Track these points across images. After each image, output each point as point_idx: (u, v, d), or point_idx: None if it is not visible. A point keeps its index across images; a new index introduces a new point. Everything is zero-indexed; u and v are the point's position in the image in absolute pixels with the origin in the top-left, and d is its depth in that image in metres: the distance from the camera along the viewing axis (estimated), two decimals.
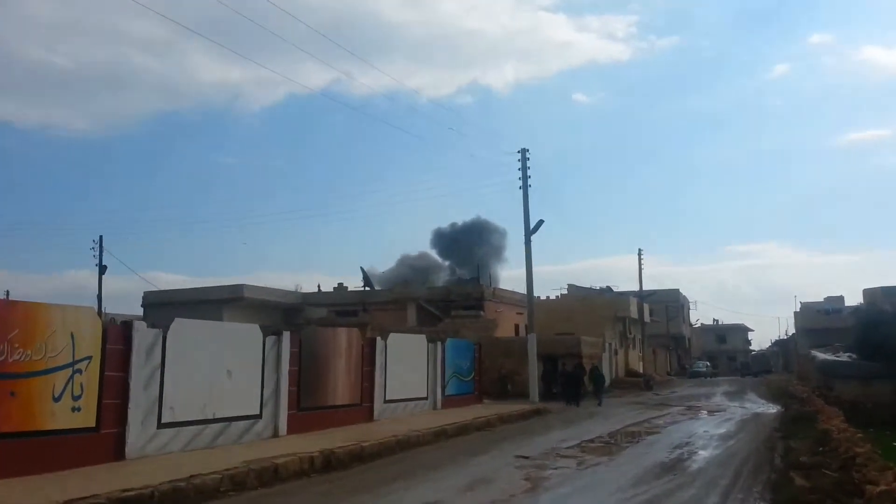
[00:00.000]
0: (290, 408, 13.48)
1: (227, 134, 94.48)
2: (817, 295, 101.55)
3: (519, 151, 25.82)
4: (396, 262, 45.09)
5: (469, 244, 44.68)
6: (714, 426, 17.52)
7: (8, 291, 36.59)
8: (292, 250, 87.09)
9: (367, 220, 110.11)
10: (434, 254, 46.79)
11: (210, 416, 11.68)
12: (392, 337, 17.58)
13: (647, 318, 48.04)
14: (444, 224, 54.07)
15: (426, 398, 18.89)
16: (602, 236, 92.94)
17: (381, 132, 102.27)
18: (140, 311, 34.26)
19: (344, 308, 34.56)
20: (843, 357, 29.66)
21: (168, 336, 11.05)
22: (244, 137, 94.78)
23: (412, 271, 41.26)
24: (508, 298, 35.53)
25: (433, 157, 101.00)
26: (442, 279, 42.81)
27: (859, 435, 13.16)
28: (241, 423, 12.31)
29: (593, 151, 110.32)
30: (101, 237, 36.18)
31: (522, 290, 27.63)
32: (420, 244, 76.31)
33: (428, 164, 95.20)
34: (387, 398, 16.79)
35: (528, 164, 25.64)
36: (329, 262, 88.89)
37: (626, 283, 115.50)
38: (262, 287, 35.39)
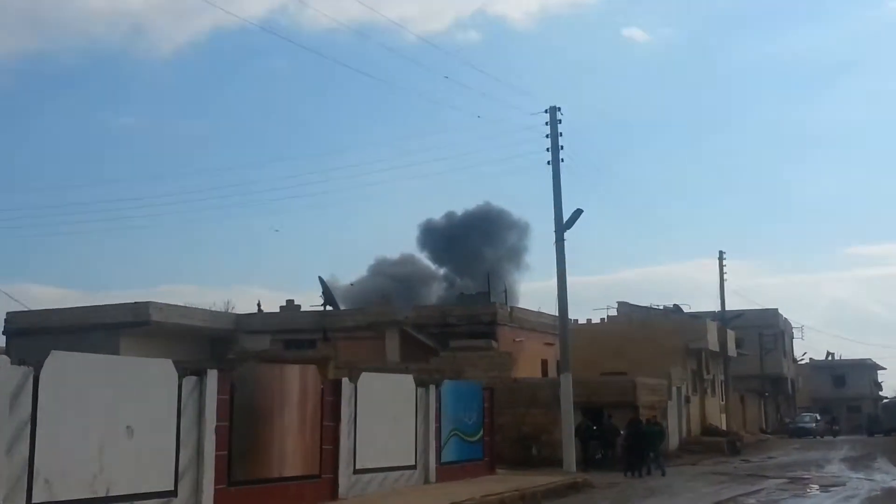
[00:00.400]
0: (217, 481, 13.64)
1: (122, 85, 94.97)
2: None
3: (546, 111, 26.14)
4: (369, 270, 45.52)
5: (473, 244, 44.95)
6: None
7: None
8: (220, 252, 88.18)
9: (327, 209, 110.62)
10: (423, 257, 47.32)
11: (103, 494, 11.76)
12: (365, 378, 17.81)
13: (732, 350, 48.35)
14: (438, 214, 54.38)
15: (414, 467, 19.10)
16: (665, 233, 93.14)
17: (345, 83, 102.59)
18: (0, 341, 34.88)
19: (296, 336, 34.93)
20: None
21: (41, 376, 11.18)
22: (147, 90, 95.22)
23: (392, 283, 41.52)
24: (532, 322, 35.78)
25: (421, 120, 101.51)
26: (435, 294, 43.10)
27: None
28: None
29: (652, 112, 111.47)
30: None
31: (551, 309, 28.12)
32: (403, 244, 76.71)
33: (414, 130, 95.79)
34: (357, 467, 17.03)
35: (560, 130, 26.02)
36: (273, 269, 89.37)
37: (700, 300, 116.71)
38: (178, 306, 35.53)
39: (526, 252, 47.18)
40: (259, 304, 39.00)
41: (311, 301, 37.25)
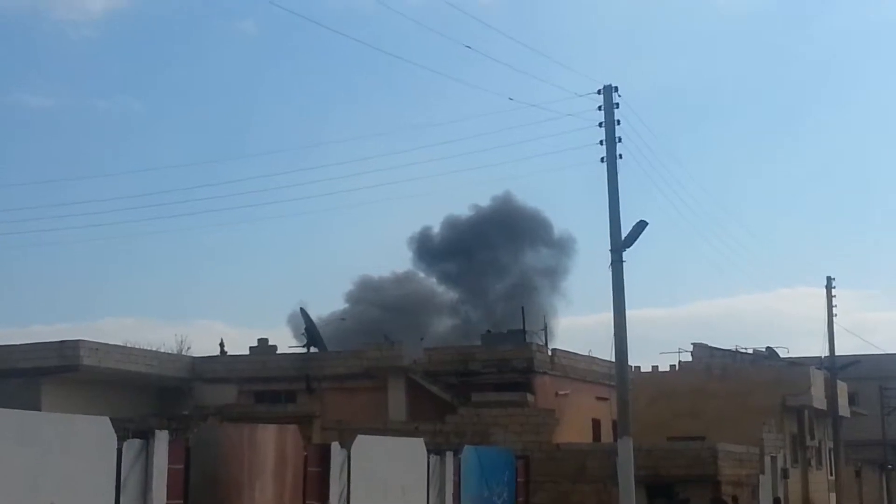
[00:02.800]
0: None
1: (37, 57, 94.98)
2: None
3: (599, 92, 26.47)
4: (348, 298, 45.72)
5: (490, 260, 45.30)
6: None
7: None
8: (168, 273, 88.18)
9: (310, 215, 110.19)
10: (426, 277, 47.94)
11: None
12: (361, 443, 17.85)
13: (844, 409, 48.13)
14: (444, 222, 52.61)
15: None
16: (754, 252, 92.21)
17: (329, 51, 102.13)
18: None
19: (271, 387, 35.04)
20: None
21: None
22: (71, 63, 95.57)
23: (385, 313, 41.94)
24: (581, 370, 35.74)
25: (433, 101, 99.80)
26: (442, 326, 43.60)
27: None
28: None
29: (737, 96, 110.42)
30: None
31: (604, 353, 28.56)
32: (393, 261, 76.02)
33: (422, 112, 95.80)
34: None
35: (617, 117, 26.32)
36: (240, 297, 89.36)
37: (802, 341, 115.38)
38: (117, 346, 35.60)
39: (566, 274, 47.73)
40: (222, 344, 38.78)
41: (286, 340, 38.11)
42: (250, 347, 38.02)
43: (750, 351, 49.51)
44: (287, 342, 38.09)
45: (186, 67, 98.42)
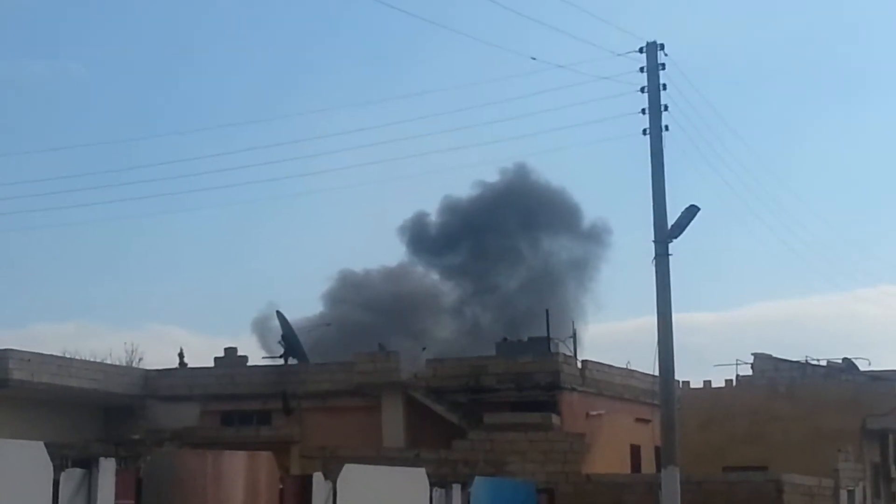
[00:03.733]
0: None
1: None
2: None
3: (641, 51, 26.78)
4: (326, 299, 46.08)
5: (503, 250, 45.54)
6: None
7: None
8: (111, 269, 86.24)
9: (284, 200, 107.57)
10: (421, 268, 48.40)
11: None
12: (350, 473, 17.97)
13: None
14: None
15: None
16: (824, 244, 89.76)
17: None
18: None
19: (240, 405, 35.18)
20: None
21: None
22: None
23: (373, 316, 42.16)
24: (616, 386, 35.66)
25: (426, 61, 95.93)
26: (446, 331, 44.00)
27: None
28: None
29: (809, 55, 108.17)
30: None
31: (644, 365, 29.35)
32: (381, 253, 76.05)
33: (411, 76, 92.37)
34: None
35: (663, 81, 26.62)
36: (201, 298, 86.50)
37: (884, 350, 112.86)
38: (53, 357, 35.68)
39: (596, 267, 47.85)
40: (181, 355, 38.80)
41: (254, 350, 38.40)
42: (215, 358, 37.78)
43: (823, 363, 49.05)
44: (255, 352, 38.57)
45: (121, 25, 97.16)
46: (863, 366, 48.64)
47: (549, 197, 48.06)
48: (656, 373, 26.95)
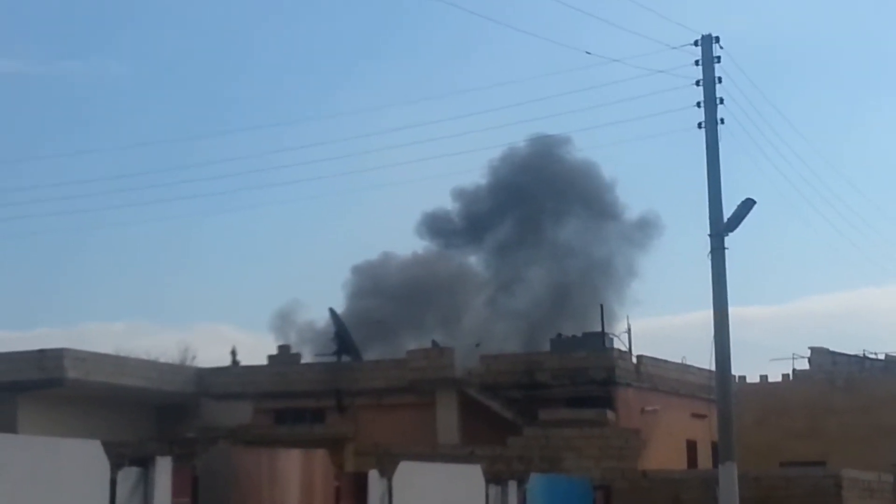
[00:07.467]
0: None
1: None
2: None
3: (696, 44, 26.93)
4: (348, 288, 45.40)
5: (546, 240, 45.17)
6: None
7: None
8: (162, 267, 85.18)
9: (338, 196, 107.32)
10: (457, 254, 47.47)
11: None
12: (405, 470, 17.96)
13: None
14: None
15: None
16: (884, 234, 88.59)
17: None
18: None
19: (294, 403, 35.18)
20: None
21: None
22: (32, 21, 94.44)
23: (398, 308, 42.38)
24: (672, 382, 35.69)
25: (472, 55, 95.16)
26: (496, 326, 43.20)
27: None
28: None
29: (871, 48, 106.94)
30: None
31: (699, 360, 29.60)
32: (405, 242, 73.65)
33: (457, 71, 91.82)
34: None
35: (718, 74, 26.84)
36: (253, 296, 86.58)
37: None
38: (108, 356, 35.84)
39: (647, 264, 47.78)
40: (234, 353, 38.54)
41: (315, 347, 37.85)
42: (268, 356, 37.89)
43: (881, 357, 49.16)
44: (315, 348, 38.22)
45: (168, 27, 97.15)
46: None
47: (598, 184, 46.96)
48: (712, 367, 27.00)
